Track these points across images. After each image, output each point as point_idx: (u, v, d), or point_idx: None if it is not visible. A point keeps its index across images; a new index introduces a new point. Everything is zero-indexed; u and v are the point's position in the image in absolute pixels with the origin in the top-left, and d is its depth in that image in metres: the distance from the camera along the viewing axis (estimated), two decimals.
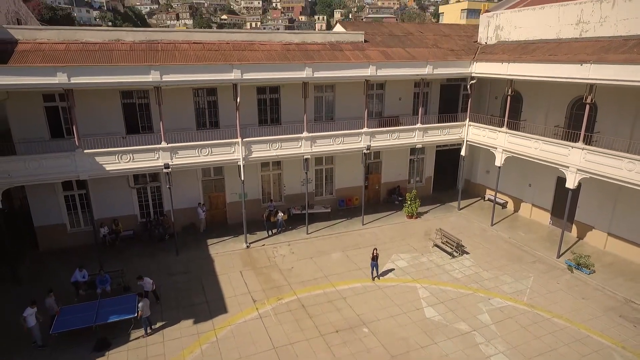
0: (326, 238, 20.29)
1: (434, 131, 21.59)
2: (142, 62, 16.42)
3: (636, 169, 14.53)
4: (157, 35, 18.44)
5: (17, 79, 14.08)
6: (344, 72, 18.42)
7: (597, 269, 17.15)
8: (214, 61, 17.38)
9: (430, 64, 19.89)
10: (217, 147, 17.61)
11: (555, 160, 17.56)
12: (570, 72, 16.12)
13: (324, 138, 19.32)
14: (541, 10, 20.36)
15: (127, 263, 17.50)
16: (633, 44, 16.02)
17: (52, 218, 18.61)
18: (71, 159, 15.75)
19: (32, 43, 16.30)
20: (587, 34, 18.38)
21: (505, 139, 19.88)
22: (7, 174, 15.01)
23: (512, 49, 21.15)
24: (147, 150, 16.65)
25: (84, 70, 14.67)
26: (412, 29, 24.84)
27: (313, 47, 20.24)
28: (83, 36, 17.23)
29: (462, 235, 20.23)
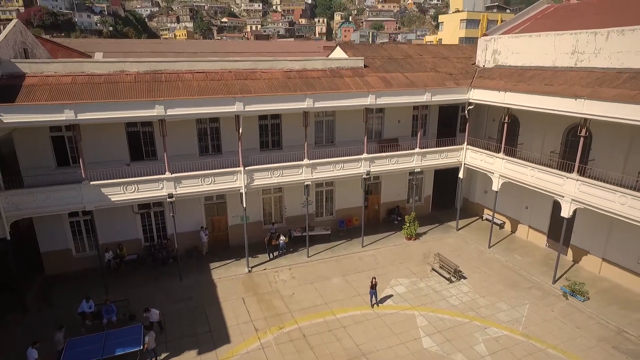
0: (326, 261, 20.67)
1: (432, 155, 21.99)
2: (147, 94, 16.83)
3: (628, 203, 14.91)
4: (161, 66, 18.81)
5: (25, 117, 14.51)
6: (344, 101, 18.83)
7: (592, 295, 17.53)
8: (216, 92, 17.78)
9: (429, 91, 20.30)
10: (219, 176, 18.01)
11: (550, 189, 17.95)
12: (565, 105, 16.50)
13: (324, 164, 19.72)
14: (537, 38, 20.73)
15: (131, 288, 17.96)
16: (626, 78, 16.39)
17: (58, 244, 19.01)
18: (78, 190, 16.14)
19: (39, 76, 16.69)
20: (582, 64, 18.76)
21: (502, 164, 20.27)
22: (16, 206, 15.41)
23: (509, 74, 21.53)
24: (152, 180, 17.05)
25: (90, 106, 15.07)
26: (411, 52, 25.22)
27: (313, 74, 20.62)
28: (89, 68, 17.62)
29: (460, 258, 20.64)
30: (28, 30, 20.61)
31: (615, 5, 21.25)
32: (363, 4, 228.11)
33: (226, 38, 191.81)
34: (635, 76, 16.25)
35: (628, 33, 16.81)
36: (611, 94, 15.45)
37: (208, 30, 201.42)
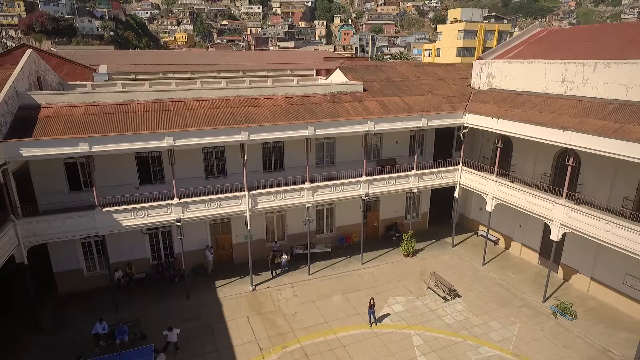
0: (327, 279, 21.54)
1: (428, 176, 22.87)
2: (156, 123, 17.68)
3: (612, 231, 15.79)
4: (169, 94, 19.62)
5: (43, 151, 15.39)
6: (344, 128, 19.73)
7: (580, 314, 18.41)
8: (222, 120, 18.64)
9: (425, 116, 21.19)
10: (225, 201, 18.89)
11: (541, 212, 18.84)
12: (553, 135, 17.39)
13: (325, 187, 20.60)
14: (529, 65, 21.62)
15: (141, 306, 18.86)
16: (612, 109, 17.28)
17: (70, 263, 19.88)
18: (91, 217, 17.00)
19: (54, 107, 17.53)
20: (571, 92, 19.65)
21: (495, 187, 21.16)
22: (33, 233, 16.27)
23: (502, 98, 22.41)
24: (161, 206, 17.92)
25: (103, 139, 15.94)
26: (409, 73, 26.08)
27: (314, 99, 21.48)
28: (100, 98, 18.46)
29: (455, 276, 21.53)
30: (41, 60, 21.39)
31: (605, 33, 22.15)
32: (362, 6, 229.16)
33: (226, 41, 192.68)
34: (620, 107, 17.14)
35: (613, 66, 17.70)
36: (596, 126, 16.35)
37: (208, 33, 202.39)
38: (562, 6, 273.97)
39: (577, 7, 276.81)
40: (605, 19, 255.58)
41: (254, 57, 52.82)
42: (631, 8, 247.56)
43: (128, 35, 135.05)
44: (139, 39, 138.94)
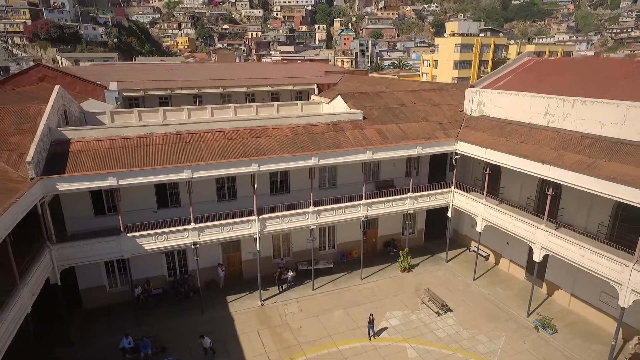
0: (330, 294, 23.36)
1: (423, 198, 24.70)
2: (175, 156, 19.52)
3: (587, 256, 17.61)
4: (185, 127, 21.41)
5: (77, 185, 17.23)
6: (345, 158, 21.58)
7: (560, 328, 20.22)
8: (234, 151, 20.46)
9: (420, 145, 23.02)
10: (237, 224, 20.71)
11: (524, 235, 20.67)
12: (535, 168, 19.22)
13: (328, 210, 22.43)
14: (516, 97, 23.44)
15: (159, 321, 20.70)
16: (588, 143, 19.09)
17: (94, 281, 21.70)
18: (117, 242, 18.83)
19: (82, 142, 19.35)
20: (553, 124, 21.46)
21: (484, 209, 22.99)
22: (66, 257, 18.10)
23: (492, 126, 24.23)
24: (179, 231, 19.74)
25: (129, 174, 17.78)
26: (406, 99, 27.89)
27: (318, 128, 23.29)
28: (123, 132, 20.26)
29: (447, 291, 23.35)
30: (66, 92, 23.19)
31: (586, 67, 23.97)
32: (362, 10, 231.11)
33: (227, 45, 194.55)
34: (594, 142, 18.96)
35: (589, 104, 19.52)
36: (572, 161, 18.18)
37: (209, 38, 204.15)
38: (561, 9, 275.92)
39: (576, 9, 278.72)
40: (604, 21, 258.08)
41: (257, 71, 54.58)
42: (629, 11, 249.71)
43: (131, 41, 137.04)
44: (141, 45, 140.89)
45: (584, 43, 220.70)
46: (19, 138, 19.02)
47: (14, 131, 19.43)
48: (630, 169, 16.46)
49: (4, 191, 15.28)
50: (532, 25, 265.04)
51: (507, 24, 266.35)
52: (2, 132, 19.19)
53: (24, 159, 17.72)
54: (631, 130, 17.94)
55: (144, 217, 20.49)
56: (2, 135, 18.95)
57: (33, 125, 20.05)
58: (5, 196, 14.87)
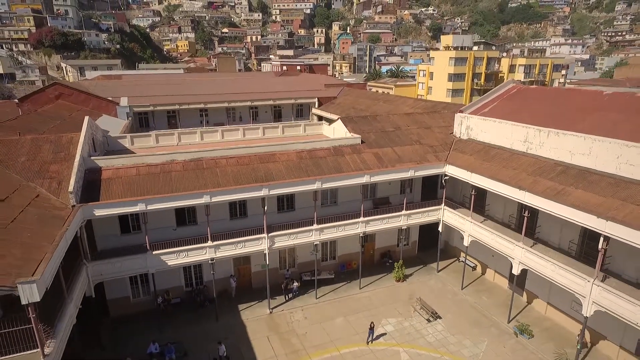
0: (331, 302, 25.87)
1: (416, 215, 27.22)
2: (194, 181, 22.00)
3: (556, 271, 20.16)
4: (202, 154, 23.80)
5: (111, 210, 19.69)
6: (345, 181, 24.10)
7: (537, 333, 22.77)
8: (246, 176, 22.94)
9: (412, 169, 25.56)
10: (249, 242, 23.20)
11: (505, 251, 23.22)
12: (513, 192, 21.76)
13: (330, 228, 24.94)
14: (499, 124, 25.97)
15: (179, 328, 23.14)
16: (560, 171, 21.63)
17: (120, 292, 24.15)
18: (143, 259, 21.30)
19: (112, 169, 21.80)
20: (531, 151, 23.98)
21: (471, 226, 25.53)
22: (100, 273, 20.55)
23: (478, 150, 26.76)
24: (198, 248, 22.22)
25: (156, 200, 20.24)
26: (401, 122, 30.38)
27: (321, 153, 25.78)
28: (147, 160, 22.70)
29: (437, 300, 25.89)
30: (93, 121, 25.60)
31: (564, 97, 26.50)
32: (360, 14, 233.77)
33: (227, 49, 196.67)
34: (565, 170, 21.50)
35: (561, 135, 22.06)
36: (545, 187, 20.72)
37: (209, 41, 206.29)
38: (557, 12, 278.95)
39: (572, 12, 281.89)
40: (599, 24, 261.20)
41: (260, 85, 57.03)
42: (624, 14, 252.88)
43: (133, 46, 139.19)
44: (143, 50, 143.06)
45: (579, 46, 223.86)
46: (57, 166, 21.49)
47: (52, 160, 21.91)
48: (593, 197, 19.00)
49: (52, 218, 17.74)
50: (528, 28, 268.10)
51: (504, 27, 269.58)
52: (43, 160, 21.68)
53: (63, 186, 20.23)
54: (596, 160, 20.49)
55: (164, 235, 22.98)
56: (43, 164, 21.44)
57: (67, 154, 22.55)
58: (55, 224, 17.35)
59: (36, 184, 20.12)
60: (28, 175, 20.61)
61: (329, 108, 51.10)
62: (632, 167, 18.99)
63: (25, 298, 12.63)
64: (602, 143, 20.13)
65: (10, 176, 20.16)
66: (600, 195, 18.93)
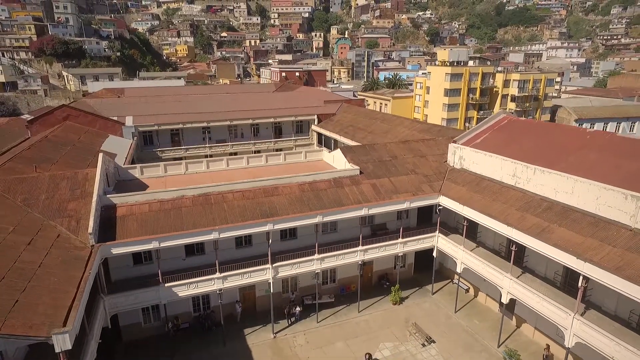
0: (332, 327, 27.37)
1: (411, 242, 28.74)
2: (203, 216, 23.44)
3: (541, 303, 21.72)
4: (209, 189, 25.20)
5: (127, 248, 21.16)
6: (345, 214, 25.61)
7: (524, 357, 24.29)
8: (251, 210, 24.40)
9: (408, 200, 27.06)
10: (254, 272, 24.68)
11: (494, 280, 24.77)
12: (502, 228, 23.29)
13: (330, 257, 26.44)
14: (490, 157, 27.49)
15: (189, 352, 24.59)
16: (545, 207, 23.18)
17: (132, 318, 25.57)
18: (156, 291, 22.75)
19: (126, 206, 23.23)
20: (519, 185, 25.51)
21: (463, 255, 27.07)
22: (115, 305, 22.01)
23: (470, 180, 28.28)
24: (206, 280, 23.69)
25: (169, 238, 21.70)
26: (397, 151, 31.85)
27: (322, 185, 27.25)
28: (158, 196, 24.11)
29: (432, 324, 27.43)
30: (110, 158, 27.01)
31: (552, 132, 28.01)
32: (359, 18, 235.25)
33: (226, 53, 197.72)
34: (550, 207, 23.04)
35: (547, 173, 23.60)
36: (531, 223, 22.26)
37: (208, 45, 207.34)
38: (554, 15, 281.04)
39: (568, 15, 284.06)
40: (595, 27, 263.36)
41: (260, 102, 58.42)
42: (619, 18, 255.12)
43: (133, 52, 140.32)
44: (143, 57, 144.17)
45: (575, 50, 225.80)
46: (75, 204, 22.93)
47: (70, 197, 23.35)
48: (575, 236, 20.56)
49: (74, 260, 19.18)
50: (525, 31, 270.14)
51: (501, 29, 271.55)
52: (61, 198, 23.11)
53: (81, 224, 21.68)
54: (578, 199, 22.04)
55: (175, 264, 24.48)
56: (61, 202, 22.87)
57: (83, 191, 24.00)
58: (77, 266, 18.79)
59: (56, 223, 21.56)
60: (49, 213, 22.04)
61: (328, 125, 52.64)
62: (610, 208, 20.54)
63: (59, 347, 14.08)
64: (582, 184, 21.68)
65: (33, 216, 21.59)
66: (580, 235, 20.49)
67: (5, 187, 23.04)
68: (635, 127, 67.31)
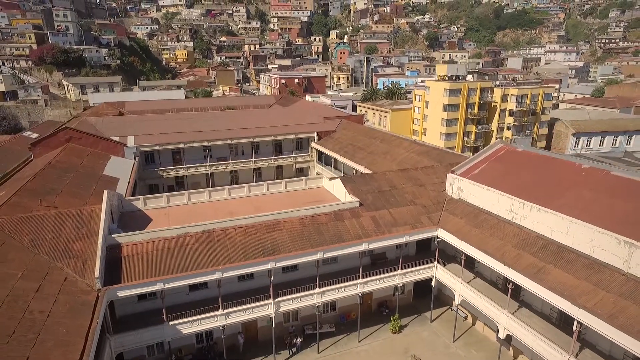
0: (332, 357, 27.90)
1: (410, 273, 29.25)
2: (206, 254, 23.92)
3: (537, 341, 22.25)
4: (212, 226, 25.67)
5: (132, 291, 21.65)
6: (345, 250, 26.14)
7: None
8: (254, 246, 24.89)
9: (407, 234, 27.59)
10: (256, 307, 25.17)
11: (491, 315, 25.30)
12: (498, 266, 23.80)
13: (330, 290, 26.94)
14: (487, 191, 28.01)
15: None
16: (541, 246, 23.70)
17: (137, 352, 25.99)
18: (161, 329, 23.25)
19: (131, 245, 23.70)
20: (516, 221, 26.03)
21: (461, 287, 27.59)
22: (122, 344, 22.50)
23: (467, 212, 28.79)
24: (210, 316, 24.18)
25: (174, 279, 22.20)
26: (396, 180, 32.34)
27: (322, 218, 27.74)
28: (163, 234, 24.60)
29: (430, 353, 27.97)
30: (113, 192, 27.49)
31: (546, 165, 28.52)
32: (358, 22, 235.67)
33: (225, 58, 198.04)
34: (546, 245, 23.57)
35: (542, 211, 24.13)
36: (527, 263, 22.78)
37: (207, 50, 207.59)
38: (552, 18, 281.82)
39: (567, 18, 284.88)
40: (593, 31, 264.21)
41: (261, 119, 58.92)
42: (617, 21, 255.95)
43: (133, 60, 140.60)
44: (143, 64, 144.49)
45: (574, 53, 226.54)
46: (81, 244, 23.40)
47: (75, 237, 23.82)
48: (569, 278, 21.09)
49: (81, 306, 19.66)
50: (523, 34, 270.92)
51: (500, 32, 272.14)
52: (67, 238, 23.59)
53: (87, 266, 22.16)
54: (574, 240, 22.57)
55: (178, 299, 24.95)
56: (67, 242, 23.35)
57: (89, 230, 24.48)
58: (84, 312, 19.27)
59: (63, 264, 22.04)
60: (55, 254, 22.50)
61: (328, 143, 53.13)
62: (603, 251, 21.08)
63: None
64: (577, 226, 22.21)
65: (40, 258, 22.04)
66: (575, 277, 21.02)
67: (12, 227, 23.50)
68: (632, 140, 67.88)
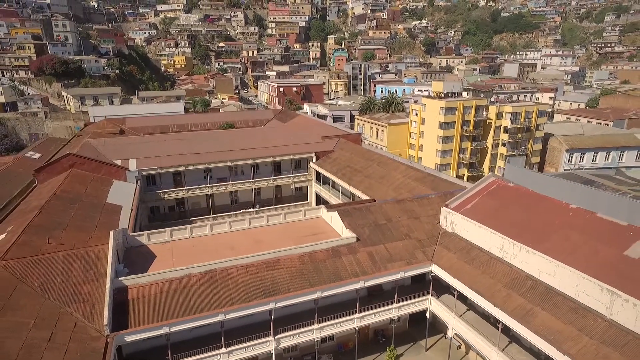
0: None
1: (406, 306, 30.34)
2: (209, 295, 24.93)
3: None
4: (214, 266, 26.68)
5: (139, 335, 22.65)
6: (343, 288, 27.19)
7: None
8: (254, 286, 25.91)
9: (402, 271, 28.67)
10: (257, 345, 26.21)
11: (483, 351, 26.41)
12: (489, 306, 24.90)
13: (329, 325, 28.00)
14: (479, 228, 29.11)
15: None
16: (529, 286, 24.80)
17: None
18: None
19: (137, 287, 24.69)
20: (506, 259, 27.14)
21: (455, 321, 28.69)
22: None
23: (460, 248, 29.89)
24: (213, 355, 25.20)
25: (179, 323, 23.23)
26: (392, 213, 33.42)
27: (320, 255, 28.77)
28: (167, 275, 25.60)
29: None
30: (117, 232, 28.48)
31: (536, 203, 29.59)
32: (355, 27, 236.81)
33: (223, 64, 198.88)
34: (534, 286, 24.67)
35: (531, 253, 25.23)
36: (516, 304, 23.88)
37: (206, 56, 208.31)
38: (548, 22, 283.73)
39: (563, 22, 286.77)
40: (589, 35, 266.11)
41: (260, 140, 59.96)
42: (613, 25, 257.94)
43: (132, 69, 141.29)
44: (141, 72, 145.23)
45: (570, 58, 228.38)
46: (89, 287, 24.42)
47: (83, 280, 24.84)
48: (556, 322, 22.19)
49: (92, 354, 20.67)
50: (520, 38, 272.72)
51: (497, 36, 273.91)
52: (75, 281, 24.61)
53: (96, 310, 23.19)
54: (560, 282, 23.68)
55: (182, 335, 25.85)
56: (76, 285, 24.36)
57: (96, 272, 25.51)
58: (95, 358, 20.28)
59: (72, 309, 23.05)
60: (64, 299, 23.51)
61: (326, 165, 54.17)
62: (587, 296, 22.20)
63: None
64: (564, 270, 23.33)
65: (50, 303, 23.03)
66: (561, 321, 22.13)
67: (22, 271, 24.50)
68: (624, 155, 69.19)
